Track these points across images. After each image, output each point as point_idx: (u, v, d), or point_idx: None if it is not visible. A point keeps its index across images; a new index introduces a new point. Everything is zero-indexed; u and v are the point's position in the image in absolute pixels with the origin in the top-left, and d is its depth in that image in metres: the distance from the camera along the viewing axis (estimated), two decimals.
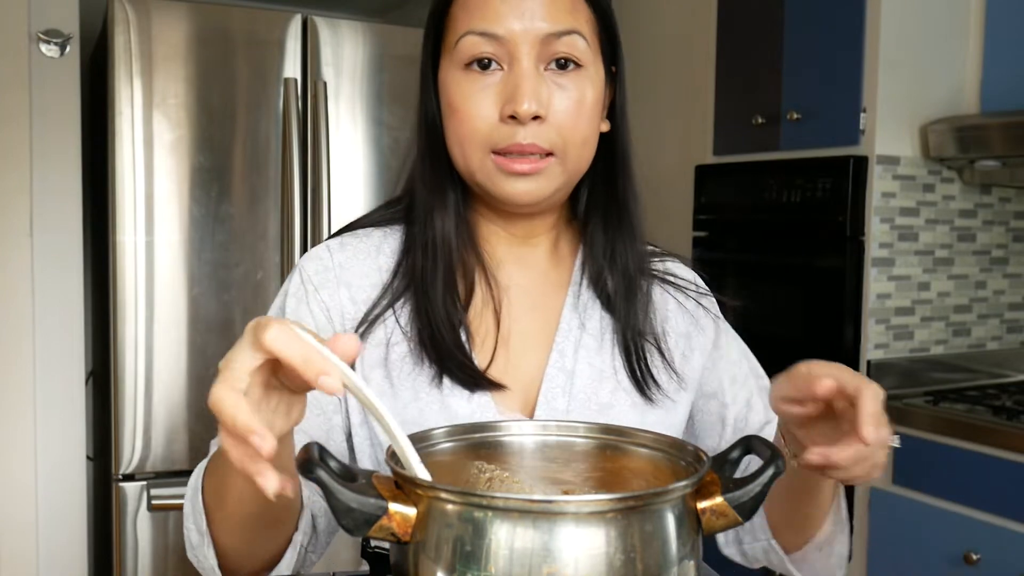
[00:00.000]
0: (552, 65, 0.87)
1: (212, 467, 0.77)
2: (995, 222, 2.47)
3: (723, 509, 0.62)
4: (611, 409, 0.92)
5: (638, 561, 0.56)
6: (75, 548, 2.46)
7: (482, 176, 0.88)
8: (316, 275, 0.92)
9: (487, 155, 0.87)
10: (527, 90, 0.84)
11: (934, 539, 2.03)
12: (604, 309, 0.95)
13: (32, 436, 2.39)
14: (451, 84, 0.88)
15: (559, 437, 0.74)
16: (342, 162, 2.47)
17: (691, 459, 0.68)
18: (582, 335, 0.94)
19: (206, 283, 2.34)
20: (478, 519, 0.56)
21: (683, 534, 0.60)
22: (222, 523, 0.76)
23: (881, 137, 2.25)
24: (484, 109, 0.86)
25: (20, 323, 2.38)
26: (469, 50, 0.86)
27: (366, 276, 0.93)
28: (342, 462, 0.62)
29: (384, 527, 0.58)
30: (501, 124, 0.86)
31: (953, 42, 2.35)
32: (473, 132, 0.86)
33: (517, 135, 0.85)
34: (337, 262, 0.93)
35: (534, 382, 0.92)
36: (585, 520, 0.55)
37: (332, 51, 2.47)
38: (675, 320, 0.99)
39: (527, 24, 0.85)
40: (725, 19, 2.65)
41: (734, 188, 2.60)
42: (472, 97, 0.86)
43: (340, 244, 0.95)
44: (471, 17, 0.86)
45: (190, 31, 2.34)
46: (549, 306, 0.95)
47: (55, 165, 2.40)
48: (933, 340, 2.39)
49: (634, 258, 0.96)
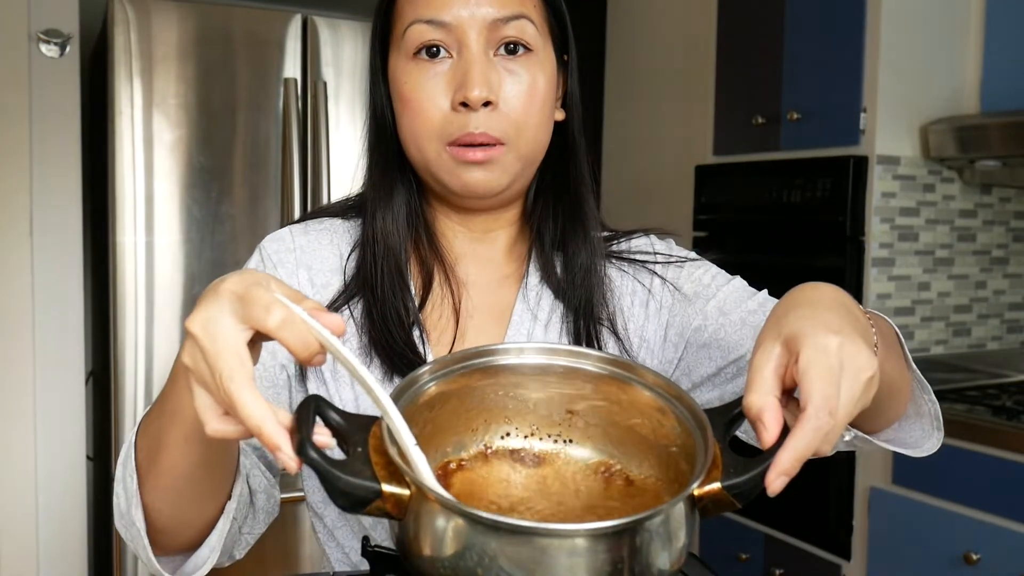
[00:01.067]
0: (501, 50, 0.86)
1: (146, 426, 0.75)
2: (995, 222, 2.47)
3: (720, 496, 0.59)
4: None
5: (634, 562, 0.56)
6: (75, 548, 2.46)
7: (437, 168, 0.88)
8: (275, 254, 0.93)
9: (443, 147, 0.86)
10: (476, 75, 0.84)
11: (934, 539, 2.02)
12: (556, 298, 0.95)
13: (32, 436, 2.39)
14: (401, 75, 0.87)
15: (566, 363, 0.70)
16: (342, 162, 2.47)
17: (692, 421, 0.65)
18: (533, 326, 0.94)
19: (206, 283, 2.33)
20: (464, 529, 0.55)
21: (680, 526, 0.59)
22: (154, 486, 0.74)
23: (881, 137, 2.25)
24: (436, 98, 0.85)
25: (20, 323, 2.37)
26: (416, 39, 0.85)
27: (326, 260, 0.94)
28: (341, 414, 0.60)
29: (379, 508, 0.57)
30: (453, 114, 0.85)
31: (953, 42, 2.35)
32: (426, 122, 0.86)
33: (469, 124, 0.84)
34: (298, 244, 0.94)
35: None
36: (578, 547, 0.54)
37: (332, 51, 2.47)
38: (631, 298, 0.97)
39: (473, 10, 0.84)
40: (725, 19, 2.65)
41: (734, 188, 2.60)
42: (423, 87, 0.86)
43: (303, 228, 0.96)
44: (416, 6, 0.86)
45: (190, 31, 2.34)
46: (504, 301, 0.95)
47: (55, 165, 2.40)
48: (933, 340, 2.39)
49: (586, 246, 0.95)
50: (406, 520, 0.58)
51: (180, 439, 0.69)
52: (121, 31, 2.27)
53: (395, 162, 0.92)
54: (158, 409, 0.73)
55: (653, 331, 0.97)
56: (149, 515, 0.75)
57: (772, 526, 2.42)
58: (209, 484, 0.75)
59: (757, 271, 2.82)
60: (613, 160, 3.26)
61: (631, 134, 3.19)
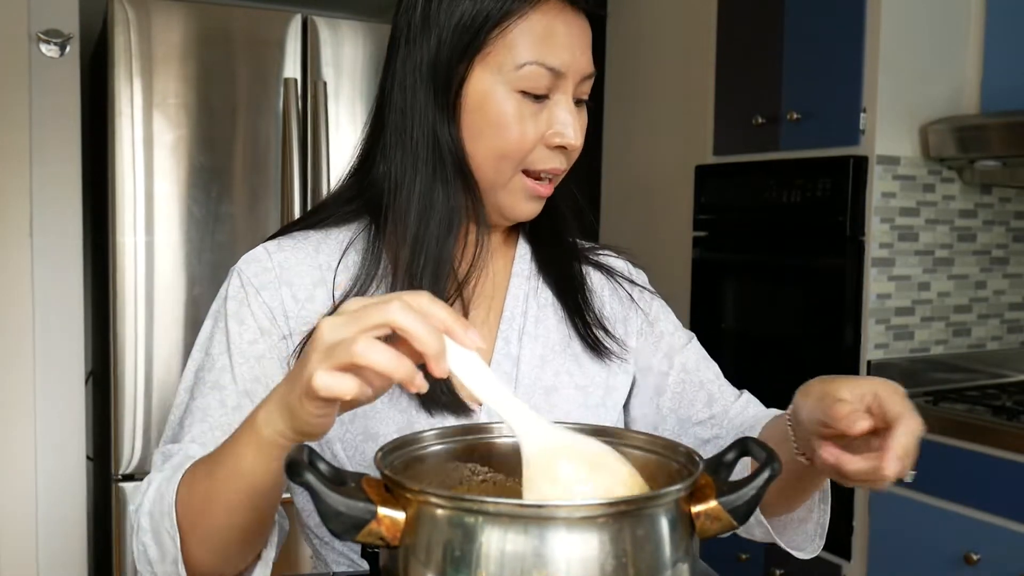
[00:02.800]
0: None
1: (193, 484, 0.76)
2: (995, 222, 2.47)
3: (717, 513, 0.61)
4: (555, 392, 0.96)
5: (630, 566, 0.56)
6: (75, 548, 2.46)
7: (504, 191, 0.92)
8: (256, 277, 0.92)
9: (518, 173, 0.91)
10: (579, 127, 0.91)
11: (934, 539, 2.02)
12: (550, 291, 1.00)
13: (32, 436, 2.40)
14: (500, 100, 0.88)
15: None
16: (342, 162, 2.46)
17: (684, 461, 0.68)
18: (525, 321, 0.98)
19: (206, 283, 2.34)
20: (468, 524, 0.55)
21: (676, 538, 0.59)
22: (200, 542, 0.76)
23: (881, 137, 2.25)
24: (530, 132, 0.89)
25: (20, 323, 2.38)
26: (532, 81, 0.88)
27: (307, 275, 0.94)
28: (331, 465, 0.62)
29: (373, 531, 0.58)
30: (542, 147, 0.90)
31: (953, 42, 2.35)
32: (517, 152, 0.89)
33: (554, 161, 0.91)
34: (276, 262, 0.93)
35: None
36: (577, 525, 0.55)
37: (332, 51, 2.47)
38: (611, 305, 1.04)
39: (577, 58, 0.90)
40: (725, 19, 2.65)
41: (734, 188, 2.60)
42: (523, 120, 0.89)
43: (277, 245, 0.95)
44: (538, 47, 0.87)
45: (190, 31, 2.34)
46: (496, 295, 0.99)
47: (55, 165, 2.40)
48: (933, 340, 2.39)
49: (573, 245, 1.03)
50: (402, 543, 0.58)
51: (238, 499, 0.72)
52: (121, 31, 2.27)
53: (453, 171, 0.91)
54: (208, 469, 0.74)
55: (633, 344, 1.04)
56: (188, 564, 0.77)
57: None
58: (257, 535, 0.77)
59: (757, 271, 2.82)
60: (613, 160, 3.26)
61: (631, 134, 3.19)
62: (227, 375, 0.88)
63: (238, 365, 0.89)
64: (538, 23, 0.87)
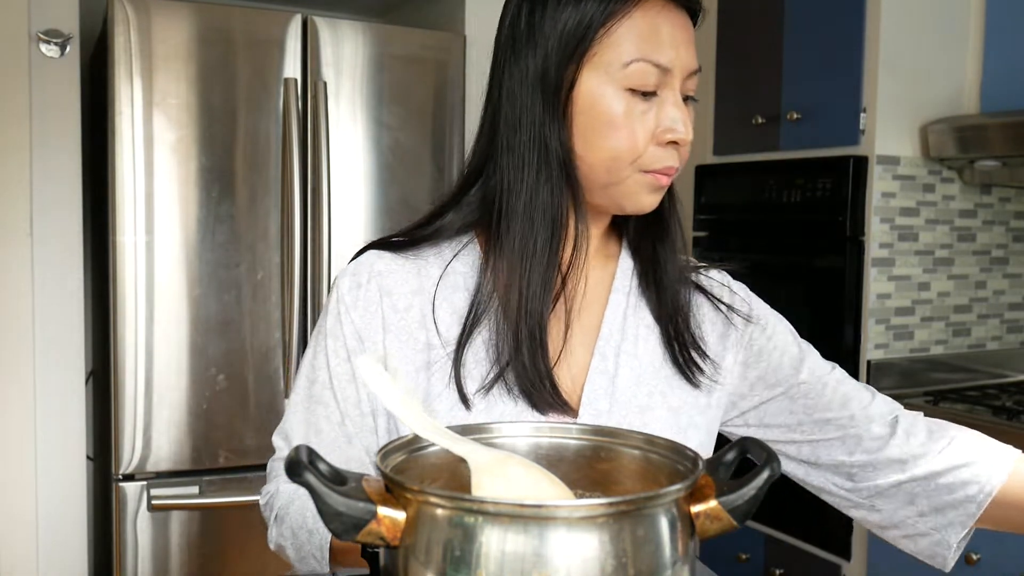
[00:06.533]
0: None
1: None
2: (995, 222, 2.47)
3: (717, 513, 0.61)
4: (648, 412, 0.96)
5: (630, 566, 0.56)
6: (75, 548, 2.46)
7: (620, 189, 0.92)
8: (348, 293, 0.96)
9: (636, 171, 0.91)
10: (688, 121, 0.91)
11: None
12: (648, 310, 1.00)
13: (32, 436, 2.40)
14: (611, 101, 0.89)
15: (551, 439, 0.74)
16: (342, 162, 2.47)
17: (685, 462, 0.68)
18: (622, 339, 0.98)
19: (206, 283, 2.34)
20: (468, 524, 0.56)
21: (676, 538, 0.59)
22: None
23: (881, 137, 2.25)
24: (642, 130, 0.90)
25: (20, 323, 2.38)
26: (640, 78, 0.89)
27: (405, 283, 0.95)
28: (332, 465, 0.62)
29: (373, 531, 0.58)
30: (655, 146, 0.91)
31: (953, 42, 2.35)
32: (632, 151, 0.90)
33: (668, 158, 0.91)
34: (377, 271, 0.96)
35: (577, 381, 0.96)
36: (576, 525, 0.55)
37: (332, 51, 2.47)
38: (710, 324, 1.03)
39: (682, 54, 0.90)
40: (725, 19, 2.65)
41: (734, 188, 2.60)
42: (635, 119, 0.89)
43: (378, 254, 0.97)
44: (643, 44, 0.89)
45: (190, 31, 2.34)
46: (594, 307, 0.99)
47: (55, 165, 2.40)
48: (933, 340, 2.39)
49: (676, 263, 1.01)
50: (402, 543, 0.58)
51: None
52: (121, 31, 2.27)
53: (558, 173, 0.92)
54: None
55: (731, 362, 1.03)
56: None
57: (772, 526, 2.42)
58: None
59: (757, 271, 2.82)
60: None
61: None
62: (328, 392, 0.95)
63: (336, 378, 0.95)
64: (641, 21, 0.89)
